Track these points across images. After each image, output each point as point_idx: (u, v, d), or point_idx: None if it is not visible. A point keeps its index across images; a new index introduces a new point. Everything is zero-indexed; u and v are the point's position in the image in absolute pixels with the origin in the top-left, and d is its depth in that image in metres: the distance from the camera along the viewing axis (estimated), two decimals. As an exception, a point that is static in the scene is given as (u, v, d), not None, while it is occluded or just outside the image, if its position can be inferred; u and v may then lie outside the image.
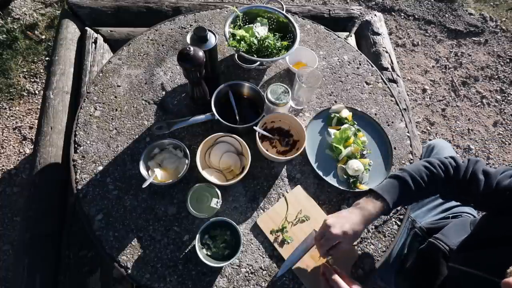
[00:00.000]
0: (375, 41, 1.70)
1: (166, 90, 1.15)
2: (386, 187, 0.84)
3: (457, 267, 0.79)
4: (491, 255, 0.70)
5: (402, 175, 0.84)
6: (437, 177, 0.83)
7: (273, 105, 1.01)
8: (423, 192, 0.84)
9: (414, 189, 0.82)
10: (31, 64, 2.14)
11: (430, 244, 0.95)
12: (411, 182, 0.83)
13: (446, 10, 2.79)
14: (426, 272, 0.93)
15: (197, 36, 0.93)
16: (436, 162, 0.85)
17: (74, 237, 1.14)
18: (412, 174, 0.83)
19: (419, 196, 0.86)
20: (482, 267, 0.71)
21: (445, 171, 0.84)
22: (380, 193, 0.81)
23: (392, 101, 1.23)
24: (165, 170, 0.96)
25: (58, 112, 1.38)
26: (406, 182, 0.83)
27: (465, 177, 0.81)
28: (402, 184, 0.83)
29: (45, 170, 1.24)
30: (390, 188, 0.83)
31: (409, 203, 0.89)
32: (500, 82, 2.46)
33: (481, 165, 0.82)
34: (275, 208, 0.97)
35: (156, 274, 0.87)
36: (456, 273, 0.80)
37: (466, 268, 0.76)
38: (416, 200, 0.88)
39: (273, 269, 0.90)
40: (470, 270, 0.74)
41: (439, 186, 0.84)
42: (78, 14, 1.64)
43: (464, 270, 0.76)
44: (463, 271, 0.77)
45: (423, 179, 0.83)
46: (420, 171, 0.84)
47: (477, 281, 0.72)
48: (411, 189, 0.82)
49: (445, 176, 0.83)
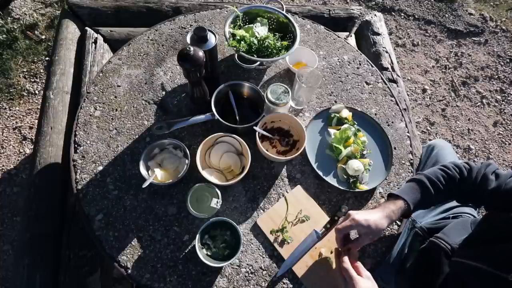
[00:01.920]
0: (375, 41, 1.70)
1: (166, 90, 1.15)
2: (405, 190, 0.87)
3: (462, 261, 0.80)
4: (500, 250, 0.71)
5: (419, 177, 0.87)
6: (452, 179, 0.86)
7: (273, 105, 1.01)
8: (441, 195, 0.87)
9: (433, 191, 0.85)
10: (31, 64, 2.14)
11: (431, 243, 0.95)
12: (429, 184, 0.85)
13: (446, 10, 2.79)
14: (427, 271, 0.93)
15: (197, 36, 0.93)
16: (450, 165, 0.89)
17: (74, 237, 1.13)
18: (429, 177, 0.86)
19: (437, 199, 0.89)
20: (488, 261, 0.72)
21: (459, 173, 0.87)
22: (399, 194, 0.84)
23: (392, 101, 1.23)
24: (165, 170, 0.96)
25: (58, 112, 1.38)
26: (424, 183, 0.86)
27: (477, 178, 0.84)
28: (420, 186, 0.86)
29: (45, 170, 1.24)
30: (409, 190, 0.86)
31: (428, 205, 0.91)
32: (500, 82, 2.46)
33: (493, 168, 0.85)
34: (275, 208, 0.97)
35: (156, 274, 0.87)
36: (460, 268, 0.80)
37: (472, 262, 0.76)
38: (434, 202, 0.91)
39: (273, 269, 0.90)
40: (476, 265, 0.75)
41: (455, 188, 0.87)
42: (78, 14, 1.64)
43: (469, 264, 0.77)
44: (468, 265, 0.77)
45: (440, 180, 0.86)
46: (436, 173, 0.87)
47: (482, 275, 0.73)
48: (429, 191, 0.85)
49: (460, 177, 0.86)
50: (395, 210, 0.82)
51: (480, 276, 0.73)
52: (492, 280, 0.70)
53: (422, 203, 0.86)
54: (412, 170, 1.10)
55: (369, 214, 0.81)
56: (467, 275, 0.77)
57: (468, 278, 0.77)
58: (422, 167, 1.23)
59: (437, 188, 0.85)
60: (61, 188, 1.24)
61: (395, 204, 0.83)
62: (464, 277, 0.78)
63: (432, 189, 0.85)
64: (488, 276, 0.71)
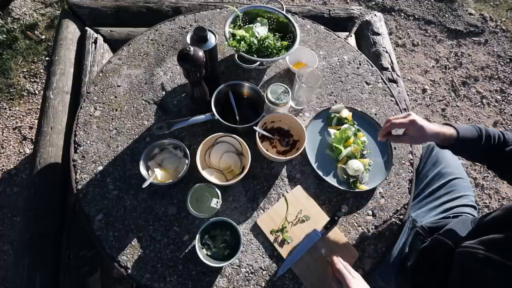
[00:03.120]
0: (375, 41, 1.70)
1: (166, 90, 1.16)
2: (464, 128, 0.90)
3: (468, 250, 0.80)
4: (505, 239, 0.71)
5: (480, 127, 0.90)
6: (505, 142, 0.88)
7: (273, 105, 1.01)
8: (487, 151, 0.89)
9: (483, 143, 0.88)
10: (31, 64, 2.14)
11: (434, 241, 0.95)
12: (485, 135, 0.88)
13: (446, 10, 2.79)
14: (428, 270, 0.93)
15: (197, 36, 0.93)
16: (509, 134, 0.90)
17: (74, 237, 1.13)
18: (488, 131, 0.89)
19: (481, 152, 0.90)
20: (495, 249, 0.73)
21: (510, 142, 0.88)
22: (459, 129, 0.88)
23: (392, 101, 1.23)
24: (165, 170, 0.96)
25: (58, 112, 1.38)
26: (481, 132, 0.88)
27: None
28: (477, 132, 0.89)
29: (45, 170, 1.24)
30: (467, 130, 0.89)
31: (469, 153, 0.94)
32: (500, 82, 2.46)
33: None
34: (275, 208, 0.97)
35: (156, 274, 0.88)
36: (466, 256, 0.80)
37: (479, 250, 0.76)
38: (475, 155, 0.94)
39: (273, 269, 0.90)
40: (483, 253, 0.75)
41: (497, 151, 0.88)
42: (78, 14, 1.64)
43: (476, 252, 0.77)
44: (475, 254, 0.77)
45: (495, 139, 0.88)
46: (495, 133, 0.89)
47: (488, 263, 0.73)
48: (481, 140, 0.88)
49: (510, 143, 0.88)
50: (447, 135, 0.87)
51: (486, 264, 0.73)
52: (498, 268, 0.70)
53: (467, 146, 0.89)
54: (412, 170, 1.10)
55: (428, 124, 0.87)
56: (473, 264, 0.77)
57: (474, 267, 0.76)
58: (422, 167, 1.23)
59: (488, 142, 0.88)
60: (61, 188, 1.24)
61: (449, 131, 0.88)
62: (470, 265, 0.78)
63: (484, 140, 0.88)
64: (494, 264, 0.71)
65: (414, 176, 1.09)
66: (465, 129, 0.90)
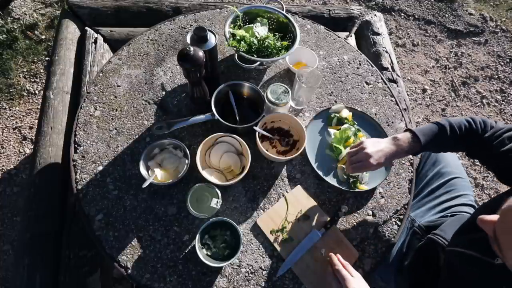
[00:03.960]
0: (375, 41, 1.70)
1: (166, 90, 1.16)
2: (424, 129, 0.88)
3: (453, 249, 0.83)
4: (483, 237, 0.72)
5: (442, 122, 0.89)
6: (474, 131, 0.87)
7: (273, 105, 1.01)
8: (456, 143, 0.88)
9: (449, 135, 0.87)
10: (31, 64, 2.14)
11: (429, 240, 0.96)
12: (449, 129, 0.87)
13: (446, 10, 2.79)
14: (425, 267, 0.94)
15: (197, 36, 0.93)
16: (479, 119, 0.89)
17: (74, 237, 1.13)
18: (451, 123, 0.88)
19: (451, 145, 0.90)
20: (475, 247, 0.75)
21: (482, 129, 0.87)
22: (417, 133, 0.87)
23: (392, 101, 1.23)
24: (165, 170, 0.96)
25: (58, 112, 1.38)
26: (444, 128, 0.87)
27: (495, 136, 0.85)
28: (439, 130, 0.87)
29: (45, 170, 1.24)
30: (428, 131, 0.88)
31: (440, 149, 0.94)
32: (500, 82, 2.46)
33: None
34: (275, 208, 0.97)
35: (156, 274, 0.88)
36: (452, 256, 0.83)
37: (461, 249, 0.79)
38: (445, 149, 0.94)
39: (273, 269, 0.90)
40: (464, 251, 0.78)
41: (472, 140, 0.87)
42: (78, 14, 1.64)
43: (459, 251, 0.80)
44: (458, 253, 0.80)
45: (460, 129, 0.87)
46: (460, 123, 0.88)
47: (471, 261, 0.75)
48: (446, 136, 0.87)
49: (481, 132, 0.87)
50: (406, 150, 0.86)
51: (469, 262, 0.76)
52: (480, 265, 0.72)
53: (433, 147, 0.88)
54: (412, 170, 1.10)
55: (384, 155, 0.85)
56: (458, 262, 0.80)
57: (459, 265, 0.79)
58: (422, 167, 1.23)
59: (454, 136, 0.87)
60: (61, 188, 1.24)
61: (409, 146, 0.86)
62: (456, 264, 0.80)
63: (450, 135, 0.87)
64: (476, 262, 0.73)
65: (414, 176, 1.09)
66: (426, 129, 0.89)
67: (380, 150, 0.85)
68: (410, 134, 0.88)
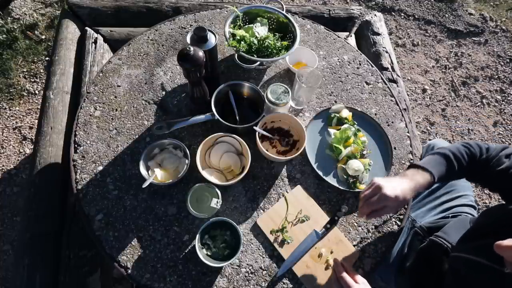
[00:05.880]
0: (375, 41, 1.70)
1: (166, 90, 1.16)
2: (430, 162, 0.86)
3: (459, 255, 0.81)
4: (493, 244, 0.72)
5: (444, 152, 0.88)
6: (474, 156, 0.87)
7: (273, 105, 1.01)
8: (462, 171, 0.87)
9: (457, 167, 0.86)
10: (31, 64, 2.14)
11: (431, 242, 0.95)
12: (454, 158, 0.86)
13: (446, 10, 2.79)
14: (426, 270, 0.93)
15: (197, 36, 0.93)
16: (473, 143, 0.90)
17: (74, 237, 1.13)
18: (454, 152, 0.87)
19: (458, 174, 0.89)
20: (485, 255, 0.73)
21: (480, 151, 0.88)
22: (426, 167, 0.83)
23: (392, 101, 1.23)
24: (165, 170, 0.96)
25: (58, 112, 1.38)
26: (449, 158, 0.86)
27: (492, 157, 0.85)
28: (446, 160, 0.86)
29: (45, 170, 1.24)
30: (434, 163, 0.85)
31: (449, 179, 0.93)
32: (500, 82, 2.46)
33: (510, 150, 0.86)
34: (275, 208, 0.97)
35: (156, 274, 0.88)
36: (458, 262, 0.81)
37: (469, 256, 0.77)
38: (454, 178, 0.93)
39: (273, 269, 0.90)
40: (473, 258, 0.75)
41: (472, 166, 0.87)
42: (78, 14, 1.64)
43: (466, 258, 0.78)
44: (465, 259, 0.78)
45: (463, 157, 0.87)
46: (459, 150, 0.87)
47: (479, 269, 0.73)
48: (453, 166, 0.86)
49: (479, 155, 0.87)
50: (422, 184, 0.81)
51: (477, 269, 0.74)
52: (488, 273, 0.71)
53: (444, 177, 0.87)
54: (412, 170, 1.10)
55: (398, 186, 0.78)
56: (465, 269, 0.78)
57: (466, 272, 0.77)
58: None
59: (460, 164, 0.86)
60: (61, 188, 1.24)
61: (423, 177, 0.81)
62: (462, 271, 0.79)
63: (456, 164, 0.86)
64: (485, 269, 0.72)
65: (414, 176, 1.09)
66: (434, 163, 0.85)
67: (393, 181, 0.79)
68: (416, 168, 0.84)
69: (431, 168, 0.83)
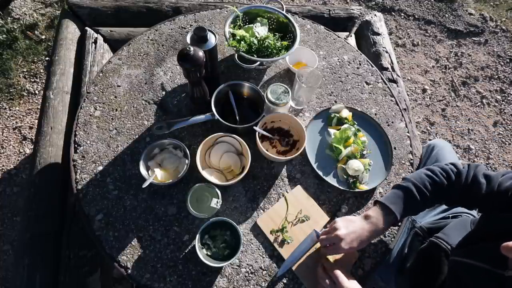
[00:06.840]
0: (375, 41, 1.70)
1: (166, 90, 1.15)
2: (392, 198, 0.85)
3: (459, 259, 0.80)
4: (494, 248, 0.71)
5: (406, 184, 0.85)
6: (439, 185, 0.84)
7: (273, 105, 1.01)
8: (428, 201, 0.85)
9: (419, 199, 0.83)
10: (31, 64, 2.14)
11: (431, 243, 0.95)
12: (416, 191, 0.84)
13: (446, 10, 2.79)
14: (427, 271, 0.93)
15: (197, 36, 0.93)
16: (437, 169, 0.86)
17: (74, 237, 1.13)
18: (415, 184, 0.85)
19: (424, 205, 0.87)
20: (485, 259, 0.72)
21: (447, 178, 0.85)
22: (388, 205, 0.83)
23: (392, 101, 1.23)
24: (165, 170, 0.96)
25: (58, 112, 1.38)
26: (411, 191, 0.84)
27: (467, 181, 0.82)
28: (407, 194, 0.84)
29: (45, 170, 1.24)
30: (397, 200, 0.84)
31: (416, 213, 0.90)
32: (500, 82, 2.46)
33: (482, 169, 0.83)
34: (275, 208, 0.97)
35: (156, 274, 0.88)
36: (458, 266, 0.81)
37: (468, 260, 0.77)
38: (421, 209, 0.90)
39: (273, 269, 0.90)
40: (472, 262, 0.75)
41: (443, 194, 0.85)
42: (78, 14, 1.64)
43: (466, 262, 0.77)
44: (465, 263, 0.77)
45: (426, 187, 0.84)
46: (423, 180, 0.85)
47: (479, 273, 0.73)
48: (416, 199, 0.84)
49: (448, 182, 0.84)
50: (384, 228, 0.82)
51: (477, 273, 0.74)
52: (488, 277, 0.71)
53: (409, 212, 0.86)
54: (412, 170, 1.10)
55: (356, 238, 0.80)
56: (464, 273, 0.78)
57: (466, 276, 0.77)
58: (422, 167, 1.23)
59: (424, 196, 0.84)
60: (61, 188, 1.24)
61: (385, 221, 0.82)
62: (462, 275, 0.79)
63: (418, 197, 0.84)
64: (485, 273, 0.72)
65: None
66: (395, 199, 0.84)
67: (353, 232, 0.81)
68: (379, 207, 0.84)
69: (393, 206, 0.82)
